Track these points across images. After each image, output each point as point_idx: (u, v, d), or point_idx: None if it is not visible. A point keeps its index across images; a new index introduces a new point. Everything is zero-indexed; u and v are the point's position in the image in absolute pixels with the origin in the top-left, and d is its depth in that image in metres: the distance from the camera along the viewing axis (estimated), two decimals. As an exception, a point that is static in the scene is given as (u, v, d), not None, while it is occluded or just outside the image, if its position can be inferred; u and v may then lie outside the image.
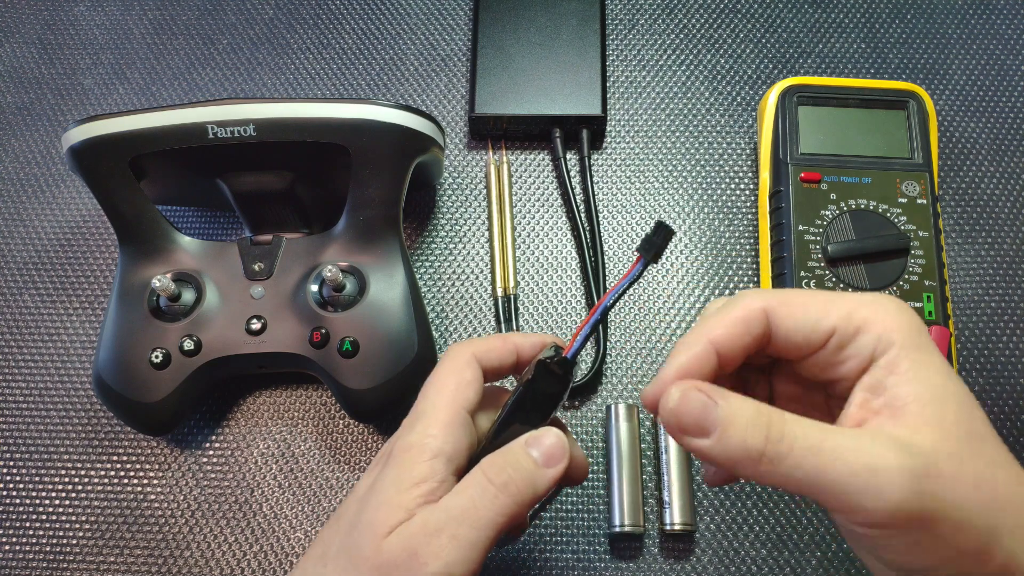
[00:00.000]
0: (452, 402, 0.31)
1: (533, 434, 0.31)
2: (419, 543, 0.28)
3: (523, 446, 0.30)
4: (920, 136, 0.48)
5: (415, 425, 0.31)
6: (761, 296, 0.28)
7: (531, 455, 0.30)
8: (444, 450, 0.30)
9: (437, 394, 0.32)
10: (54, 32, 0.58)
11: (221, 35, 0.57)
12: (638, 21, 0.57)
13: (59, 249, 0.51)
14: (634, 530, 0.42)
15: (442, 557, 0.28)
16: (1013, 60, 0.55)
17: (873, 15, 0.57)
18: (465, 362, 0.32)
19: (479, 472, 0.30)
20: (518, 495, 0.29)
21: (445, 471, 0.30)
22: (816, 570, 0.43)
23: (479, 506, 0.29)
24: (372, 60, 0.56)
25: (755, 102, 0.54)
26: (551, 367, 0.31)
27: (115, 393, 0.42)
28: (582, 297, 0.49)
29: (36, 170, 0.53)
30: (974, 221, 0.51)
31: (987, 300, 0.48)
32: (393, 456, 0.31)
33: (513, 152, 0.53)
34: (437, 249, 0.51)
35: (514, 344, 0.34)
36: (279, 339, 0.42)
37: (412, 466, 0.30)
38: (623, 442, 0.44)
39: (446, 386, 0.32)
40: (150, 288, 0.43)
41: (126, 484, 0.45)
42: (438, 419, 0.31)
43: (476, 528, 0.28)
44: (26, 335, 0.49)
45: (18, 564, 0.43)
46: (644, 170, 0.52)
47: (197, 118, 0.42)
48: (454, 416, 0.31)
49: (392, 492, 0.29)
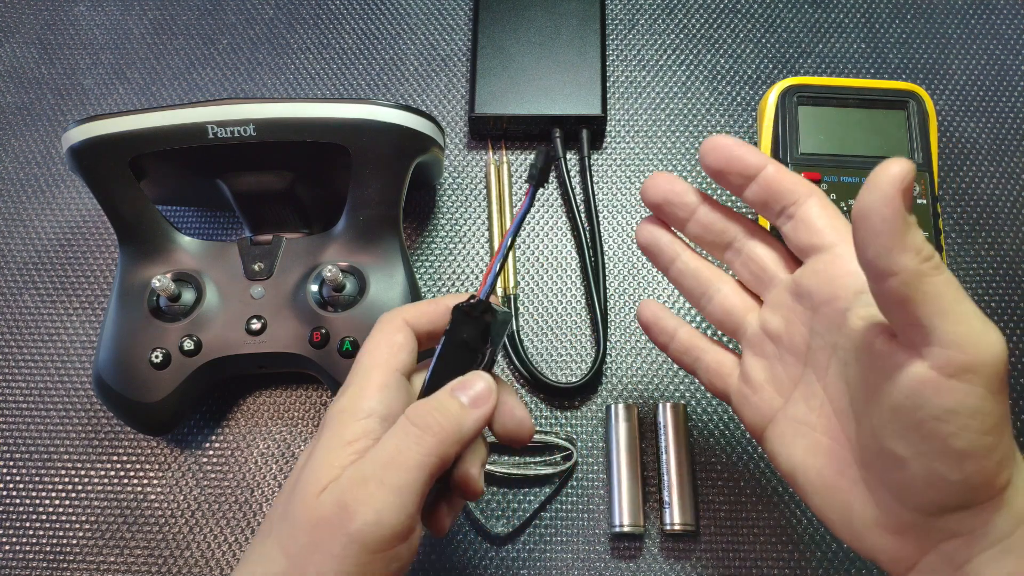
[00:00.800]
0: (384, 365, 0.31)
1: (459, 379, 0.31)
2: (348, 495, 0.28)
3: (448, 390, 0.31)
4: (920, 136, 0.48)
5: (347, 390, 0.31)
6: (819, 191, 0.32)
7: (456, 397, 0.31)
8: (377, 410, 0.30)
9: (369, 358, 0.32)
10: (54, 32, 0.58)
11: (221, 35, 0.57)
12: (638, 21, 0.57)
13: (59, 249, 0.51)
14: (634, 530, 0.42)
15: (371, 504, 0.28)
16: (1013, 60, 0.55)
17: (873, 15, 0.57)
18: (396, 327, 0.32)
19: (403, 418, 0.30)
20: (442, 434, 0.29)
21: (379, 430, 0.30)
22: (816, 570, 0.43)
23: (403, 449, 0.29)
24: (372, 60, 0.56)
25: (755, 102, 0.54)
26: (465, 310, 0.32)
27: (115, 393, 0.42)
28: (582, 297, 0.49)
29: (36, 170, 0.53)
30: (974, 221, 0.51)
31: (987, 300, 0.48)
32: (326, 421, 0.31)
33: (513, 152, 0.53)
34: (437, 249, 0.51)
35: (445, 306, 0.33)
36: (279, 339, 0.43)
37: (344, 427, 0.30)
38: (623, 442, 0.44)
39: (378, 349, 0.32)
40: (150, 288, 0.43)
41: (126, 484, 0.45)
42: (371, 382, 0.31)
43: (403, 471, 0.28)
44: (26, 335, 0.49)
45: (18, 564, 0.43)
46: (644, 170, 0.52)
47: (197, 118, 0.42)
48: (387, 378, 0.31)
49: (324, 452, 0.30)
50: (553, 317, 0.49)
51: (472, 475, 0.32)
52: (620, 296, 0.49)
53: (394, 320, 0.33)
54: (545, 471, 0.44)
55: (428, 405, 0.30)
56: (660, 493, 0.43)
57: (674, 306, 0.49)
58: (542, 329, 0.48)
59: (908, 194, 0.25)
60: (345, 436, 0.30)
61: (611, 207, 0.51)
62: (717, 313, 0.36)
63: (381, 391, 0.31)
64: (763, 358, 0.34)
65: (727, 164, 0.33)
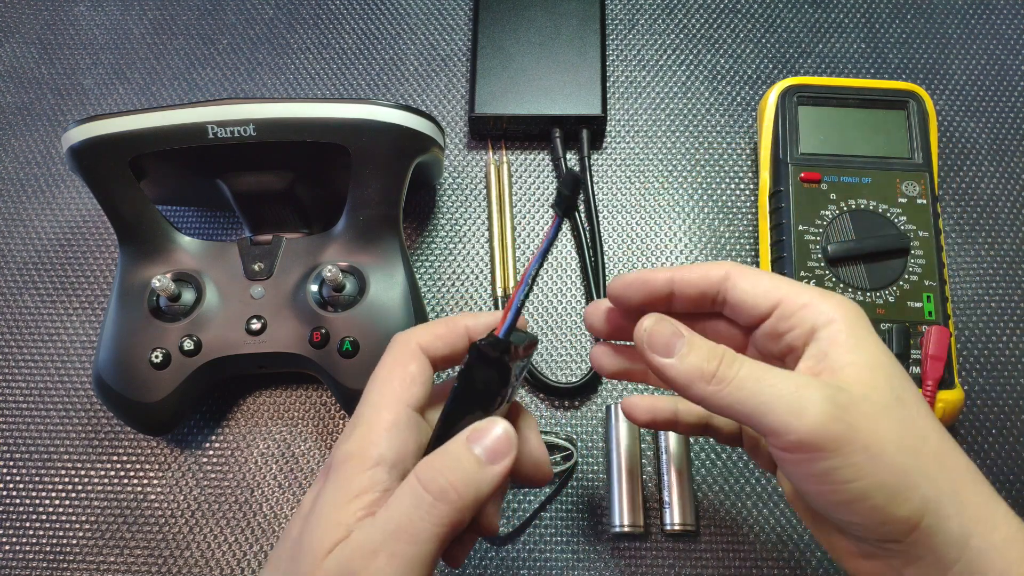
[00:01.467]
0: (396, 401, 0.29)
1: (475, 426, 0.28)
2: (357, 565, 0.26)
3: (463, 443, 0.28)
4: (920, 136, 0.48)
5: (354, 431, 0.28)
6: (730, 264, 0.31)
7: (472, 452, 0.27)
8: (386, 457, 0.27)
9: (379, 394, 0.29)
10: (54, 32, 0.58)
11: (221, 35, 0.57)
12: (638, 21, 0.57)
13: (59, 249, 0.51)
14: (634, 530, 0.42)
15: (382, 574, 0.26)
16: (1013, 60, 0.55)
17: (873, 15, 0.57)
18: (409, 354, 0.30)
19: (413, 479, 0.27)
20: (458, 501, 0.26)
21: (388, 479, 0.27)
22: (816, 570, 0.43)
23: (415, 519, 0.26)
24: (372, 60, 0.56)
25: (755, 102, 0.54)
26: (484, 350, 0.28)
27: (115, 393, 0.42)
28: (582, 297, 0.49)
29: (36, 170, 0.53)
30: (974, 221, 0.51)
31: (987, 300, 0.48)
32: (332, 468, 0.28)
33: (513, 152, 0.53)
34: (437, 249, 0.51)
35: (464, 327, 0.31)
36: (279, 339, 0.42)
37: (351, 478, 0.27)
38: (623, 442, 0.44)
39: (389, 384, 0.29)
40: (150, 288, 0.43)
41: (126, 484, 0.45)
42: (380, 422, 0.28)
43: (415, 544, 0.26)
44: (26, 335, 0.49)
45: (18, 564, 0.43)
46: (644, 170, 0.52)
47: (197, 118, 0.42)
48: (398, 417, 0.28)
49: (330, 509, 0.27)
50: (553, 317, 0.49)
51: (490, 518, 0.30)
52: (620, 296, 0.49)
53: (408, 346, 0.30)
54: (545, 471, 0.44)
55: (440, 462, 0.27)
56: (660, 493, 0.43)
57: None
58: (542, 329, 0.48)
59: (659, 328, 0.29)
60: (352, 489, 0.27)
61: (611, 207, 0.51)
62: None
63: (391, 433, 0.28)
64: None
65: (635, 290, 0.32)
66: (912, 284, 0.44)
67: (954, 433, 0.45)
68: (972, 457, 0.44)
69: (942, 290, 0.44)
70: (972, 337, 0.48)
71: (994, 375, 0.47)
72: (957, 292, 0.49)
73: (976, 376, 0.47)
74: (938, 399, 0.41)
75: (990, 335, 0.48)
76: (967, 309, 0.48)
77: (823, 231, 0.45)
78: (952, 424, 0.43)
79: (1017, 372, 0.47)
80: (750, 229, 0.50)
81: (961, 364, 0.47)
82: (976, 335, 0.48)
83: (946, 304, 0.44)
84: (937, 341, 0.42)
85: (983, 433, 0.45)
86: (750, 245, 0.50)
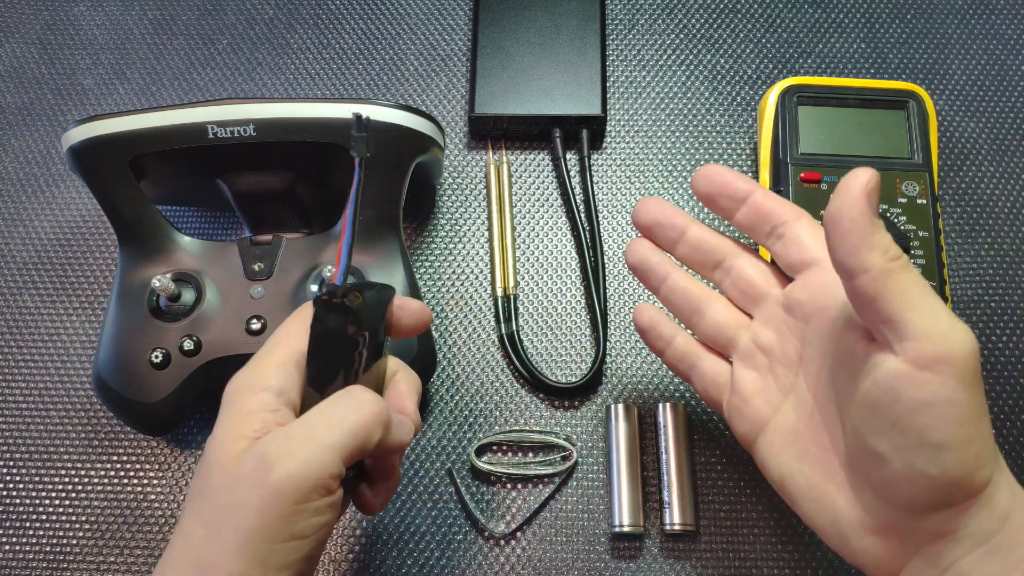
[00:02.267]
0: (286, 345, 0.31)
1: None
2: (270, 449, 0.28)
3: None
4: (920, 136, 0.48)
5: (246, 369, 0.31)
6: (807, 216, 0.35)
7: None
8: (272, 385, 0.30)
9: (274, 340, 0.32)
10: (54, 32, 0.58)
11: (221, 35, 0.57)
12: (638, 21, 0.57)
13: (59, 249, 0.51)
14: (634, 530, 0.42)
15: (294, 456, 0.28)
16: (1013, 60, 0.55)
17: (873, 15, 0.57)
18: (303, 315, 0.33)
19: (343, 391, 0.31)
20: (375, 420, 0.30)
21: (276, 402, 0.30)
22: (816, 570, 0.43)
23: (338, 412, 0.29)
24: (372, 60, 0.56)
25: (755, 102, 0.54)
26: (324, 300, 0.31)
27: (115, 393, 0.42)
28: (582, 297, 0.49)
29: (36, 170, 0.53)
30: (974, 221, 0.51)
31: (987, 300, 0.48)
32: (226, 398, 0.31)
33: (513, 152, 0.53)
34: (437, 249, 0.51)
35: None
36: (279, 339, 0.42)
37: (244, 401, 0.30)
38: (623, 442, 0.44)
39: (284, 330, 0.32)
40: (150, 288, 0.43)
41: (126, 484, 0.45)
42: (269, 360, 0.31)
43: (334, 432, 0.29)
44: (26, 335, 0.49)
45: (18, 564, 0.43)
46: (644, 170, 0.52)
47: (197, 118, 0.42)
48: (286, 356, 0.31)
49: (226, 428, 0.30)
50: (553, 317, 0.49)
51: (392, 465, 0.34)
52: (620, 296, 0.49)
53: (303, 311, 0.33)
54: (545, 471, 0.44)
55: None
56: (660, 493, 0.43)
57: (674, 306, 0.49)
58: (542, 329, 0.48)
59: (874, 198, 0.27)
60: (245, 409, 0.30)
61: (611, 207, 0.51)
62: (708, 330, 0.37)
63: (278, 367, 0.31)
64: (754, 370, 0.35)
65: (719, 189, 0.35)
66: (912, 284, 0.44)
67: (954, 433, 0.45)
68: (972, 457, 0.45)
69: (942, 290, 0.44)
70: (972, 337, 0.48)
71: (994, 375, 0.47)
72: (957, 292, 0.49)
73: (976, 376, 0.47)
74: (938, 399, 0.41)
75: (990, 335, 0.48)
76: (967, 309, 0.48)
77: (823, 231, 0.45)
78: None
79: (1017, 372, 0.47)
80: (750, 229, 0.50)
81: (961, 364, 0.47)
82: (976, 335, 0.47)
83: (946, 304, 0.44)
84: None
85: (983, 433, 0.45)
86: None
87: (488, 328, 0.48)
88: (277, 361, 0.31)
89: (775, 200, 0.35)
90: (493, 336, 0.48)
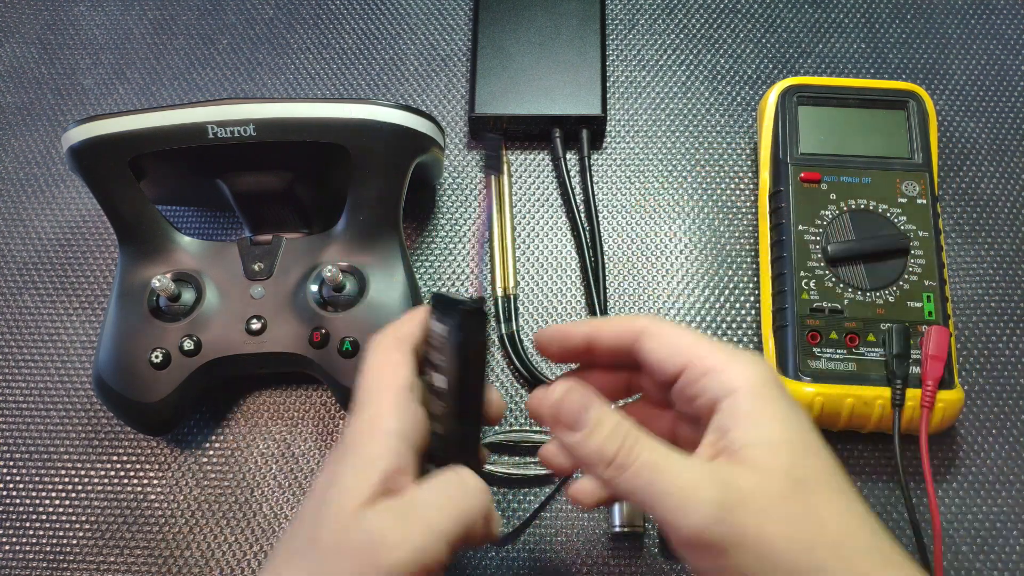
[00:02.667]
0: (391, 384, 0.31)
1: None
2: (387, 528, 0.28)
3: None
4: (920, 136, 0.48)
5: (362, 412, 0.31)
6: (648, 319, 0.32)
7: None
8: (396, 429, 0.30)
9: (374, 380, 0.31)
10: (54, 32, 0.58)
11: (221, 35, 0.57)
12: (638, 21, 0.57)
13: (59, 249, 0.51)
14: (634, 530, 0.42)
15: (410, 542, 0.27)
16: (1013, 60, 0.55)
17: (873, 15, 0.57)
18: (389, 344, 0.32)
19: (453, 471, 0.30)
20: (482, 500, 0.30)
21: (401, 447, 0.29)
22: (816, 570, 0.42)
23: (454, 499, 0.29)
24: (372, 60, 0.56)
25: (755, 102, 0.54)
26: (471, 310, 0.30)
27: (115, 393, 0.42)
28: (582, 297, 0.49)
29: (36, 170, 0.53)
30: (974, 221, 0.51)
31: (987, 300, 0.48)
32: (346, 444, 0.30)
33: (513, 152, 0.53)
34: (437, 249, 0.51)
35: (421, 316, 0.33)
36: (279, 339, 0.42)
37: (368, 447, 0.29)
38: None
39: (380, 371, 0.31)
40: (150, 288, 0.43)
41: (126, 484, 0.45)
42: (384, 402, 0.30)
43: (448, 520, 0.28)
44: (26, 335, 0.49)
45: (18, 564, 0.43)
46: (644, 170, 0.52)
47: (197, 118, 0.42)
48: (398, 395, 0.30)
49: (351, 476, 0.29)
50: (553, 317, 0.49)
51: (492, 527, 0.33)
52: (620, 296, 0.49)
53: (386, 339, 0.32)
54: (545, 471, 0.44)
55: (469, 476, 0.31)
56: (660, 493, 0.43)
57: (674, 306, 0.49)
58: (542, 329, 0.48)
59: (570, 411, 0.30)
60: (371, 455, 0.29)
61: (611, 207, 0.51)
62: None
63: (396, 409, 0.30)
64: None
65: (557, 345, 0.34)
66: (912, 284, 0.44)
67: (954, 433, 0.45)
68: (972, 457, 0.45)
69: (942, 290, 0.44)
70: (972, 337, 0.47)
71: (994, 375, 0.47)
72: (957, 292, 0.49)
73: (976, 376, 0.47)
74: (938, 399, 0.41)
75: (990, 335, 0.48)
76: (967, 309, 0.48)
77: (823, 231, 0.45)
78: (952, 424, 0.43)
79: (1017, 372, 0.47)
80: (750, 229, 0.50)
81: (961, 364, 0.47)
82: (976, 335, 0.48)
83: (946, 304, 0.44)
84: (937, 341, 0.42)
85: (983, 433, 0.45)
86: (750, 245, 0.50)
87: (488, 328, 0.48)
88: (391, 402, 0.30)
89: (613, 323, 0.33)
90: (493, 336, 0.48)
